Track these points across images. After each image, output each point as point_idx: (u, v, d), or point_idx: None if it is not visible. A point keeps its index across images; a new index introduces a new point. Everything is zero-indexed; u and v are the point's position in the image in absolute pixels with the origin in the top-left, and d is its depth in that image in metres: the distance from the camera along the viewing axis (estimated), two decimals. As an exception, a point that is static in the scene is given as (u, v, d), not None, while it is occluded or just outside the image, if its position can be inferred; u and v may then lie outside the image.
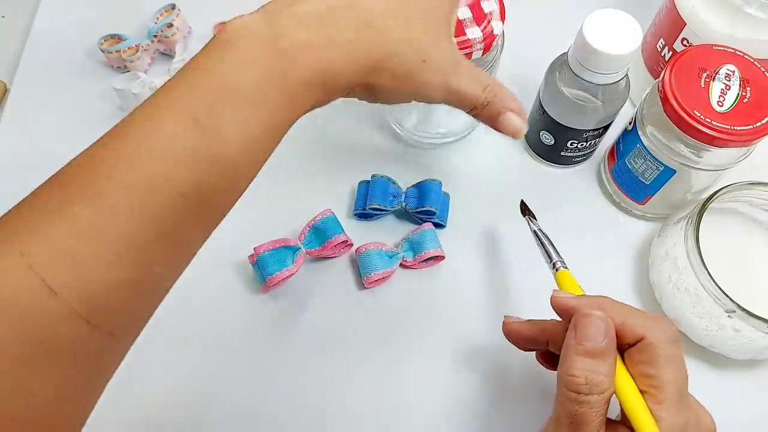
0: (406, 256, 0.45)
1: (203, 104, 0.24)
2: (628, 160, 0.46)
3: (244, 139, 0.25)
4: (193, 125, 0.24)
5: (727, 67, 0.41)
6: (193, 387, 0.43)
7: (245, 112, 0.25)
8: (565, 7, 0.59)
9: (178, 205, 0.23)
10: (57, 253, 0.22)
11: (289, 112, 0.26)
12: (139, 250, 0.23)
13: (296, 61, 0.26)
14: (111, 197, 0.23)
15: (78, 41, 0.56)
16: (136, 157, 0.23)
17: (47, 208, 0.24)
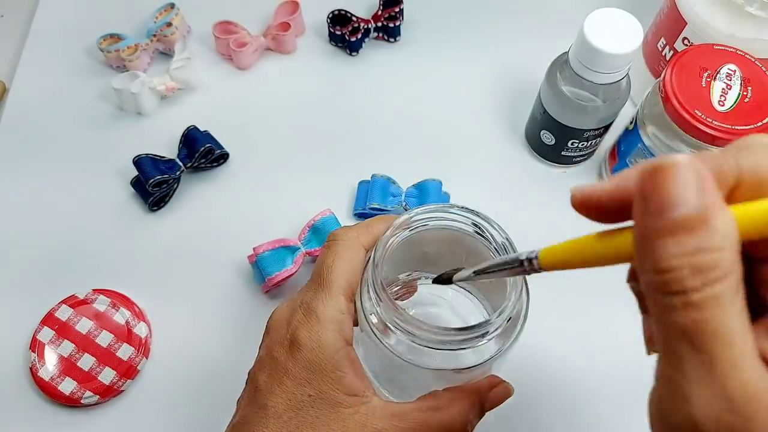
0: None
1: None
2: (629, 160, 0.46)
3: None
4: None
5: (728, 67, 0.41)
6: (193, 385, 0.43)
7: None
8: (566, 7, 0.59)
9: None
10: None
11: None
12: None
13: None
14: None
15: (77, 41, 0.56)
16: None
17: None
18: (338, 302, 0.30)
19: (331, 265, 0.30)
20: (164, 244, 0.47)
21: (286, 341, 0.30)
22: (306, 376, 0.28)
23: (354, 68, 0.56)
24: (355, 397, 0.28)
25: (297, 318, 0.30)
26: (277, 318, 0.32)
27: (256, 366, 0.31)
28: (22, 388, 0.42)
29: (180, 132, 0.49)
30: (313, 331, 0.29)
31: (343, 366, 0.29)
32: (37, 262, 0.47)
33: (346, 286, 0.30)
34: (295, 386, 0.28)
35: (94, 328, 0.43)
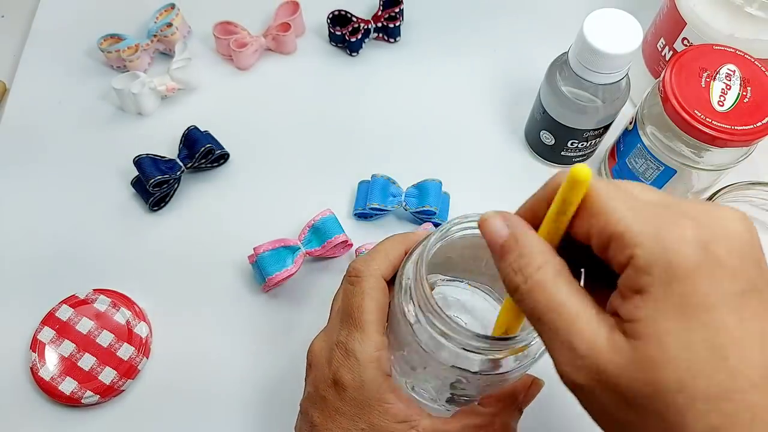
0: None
1: None
2: (628, 160, 0.46)
3: None
4: None
5: (728, 67, 0.41)
6: (193, 384, 0.43)
7: None
8: (565, 7, 0.59)
9: None
10: None
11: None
12: None
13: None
14: None
15: (77, 41, 0.56)
16: None
17: None
18: (374, 341, 0.31)
19: (360, 304, 0.32)
20: (164, 244, 0.47)
21: (330, 380, 0.32)
22: (356, 413, 0.31)
23: (354, 68, 0.56)
24: (404, 423, 0.30)
25: (336, 359, 0.31)
26: (316, 354, 0.33)
27: (307, 401, 0.33)
28: (23, 388, 0.42)
29: (180, 132, 0.49)
30: (354, 371, 0.31)
31: (387, 398, 0.31)
32: (38, 262, 0.47)
33: (378, 322, 0.32)
34: (348, 422, 0.31)
35: (95, 327, 0.43)
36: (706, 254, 0.20)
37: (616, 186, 0.22)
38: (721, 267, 0.20)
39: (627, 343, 0.20)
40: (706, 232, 0.20)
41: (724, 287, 0.20)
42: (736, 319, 0.20)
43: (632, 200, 0.22)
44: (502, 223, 0.24)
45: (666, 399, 0.20)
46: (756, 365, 0.19)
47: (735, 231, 0.21)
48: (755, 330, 0.20)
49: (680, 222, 0.20)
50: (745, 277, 0.20)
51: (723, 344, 0.19)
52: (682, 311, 0.20)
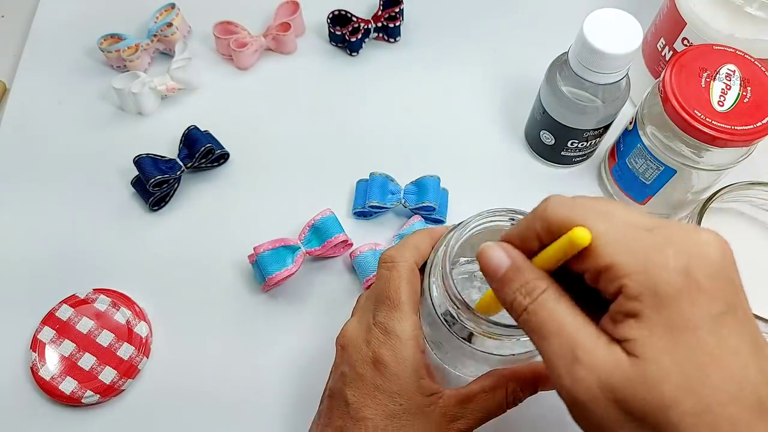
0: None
1: None
2: (628, 160, 0.46)
3: None
4: None
5: (728, 67, 0.41)
6: (193, 384, 0.43)
7: None
8: (565, 7, 0.59)
9: None
10: None
11: None
12: None
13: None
14: None
15: (77, 41, 0.56)
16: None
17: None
18: (411, 320, 0.33)
19: (398, 287, 0.34)
20: (165, 243, 0.47)
21: (369, 359, 0.33)
22: (395, 389, 0.32)
23: (354, 68, 0.56)
24: (433, 395, 0.33)
25: (376, 338, 0.33)
26: (351, 337, 0.35)
27: (339, 382, 0.34)
28: (23, 388, 0.42)
29: (180, 132, 0.49)
30: (396, 349, 0.32)
31: (422, 374, 0.33)
32: (38, 262, 0.47)
33: (413, 304, 0.34)
34: (387, 398, 0.32)
35: (95, 327, 0.43)
36: (687, 280, 0.22)
37: (603, 216, 0.24)
38: (700, 291, 0.22)
39: (627, 359, 0.22)
40: (686, 258, 0.22)
41: (704, 309, 0.22)
42: (716, 339, 0.22)
43: (618, 230, 0.23)
44: (503, 254, 0.26)
45: (662, 414, 0.21)
46: (734, 379, 0.21)
47: (711, 255, 0.23)
48: (731, 347, 0.22)
49: (663, 249, 0.22)
50: (721, 298, 0.22)
51: (705, 362, 0.21)
52: (671, 333, 0.22)
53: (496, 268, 0.26)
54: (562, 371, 0.23)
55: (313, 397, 0.42)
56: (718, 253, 0.23)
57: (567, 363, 0.23)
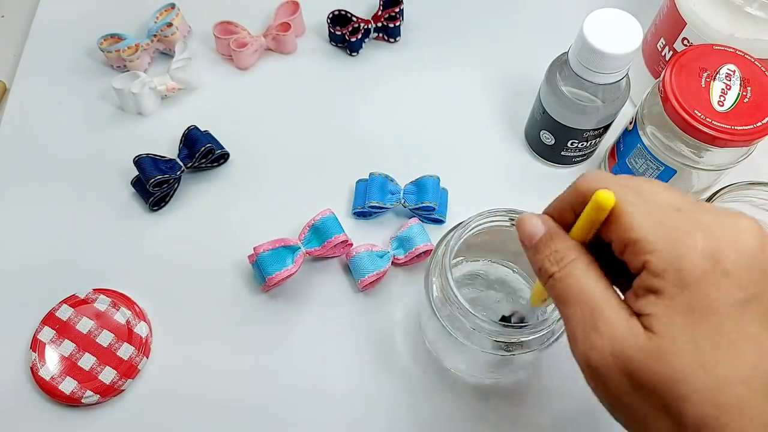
0: (397, 254, 0.45)
1: None
2: (628, 160, 0.46)
3: None
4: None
5: (728, 67, 0.41)
6: (193, 384, 0.43)
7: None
8: (565, 7, 0.59)
9: None
10: None
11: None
12: None
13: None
14: None
15: (77, 41, 0.56)
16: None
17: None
18: None
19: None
20: (165, 243, 0.47)
21: None
22: None
23: (354, 68, 0.56)
24: None
25: None
26: None
27: None
28: (23, 388, 0.42)
29: (180, 132, 0.49)
30: None
31: None
32: (38, 262, 0.47)
33: None
34: None
35: (95, 327, 0.43)
36: (713, 264, 0.22)
37: (635, 191, 0.24)
38: (726, 276, 0.22)
39: (643, 332, 0.23)
40: (716, 243, 0.22)
41: (728, 295, 0.22)
42: (736, 325, 0.22)
43: (649, 206, 0.23)
44: (539, 222, 0.27)
45: (671, 387, 0.22)
46: (747, 365, 0.22)
47: (744, 242, 0.23)
48: (751, 334, 0.22)
49: (692, 232, 0.22)
50: (749, 286, 0.22)
51: (721, 344, 0.22)
52: (690, 312, 0.22)
53: (532, 235, 0.27)
54: (579, 337, 0.24)
55: (312, 397, 0.42)
56: (753, 242, 0.23)
57: (586, 330, 0.24)
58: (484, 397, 0.42)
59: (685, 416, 0.21)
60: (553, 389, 0.43)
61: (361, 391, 0.42)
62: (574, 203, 0.26)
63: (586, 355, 0.24)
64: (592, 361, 0.23)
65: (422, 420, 0.42)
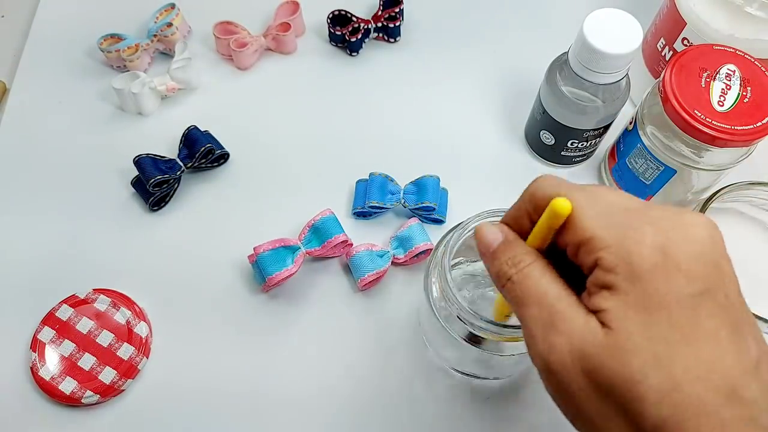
0: (396, 254, 0.45)
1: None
2: (628, 160, 0.46)
3: None
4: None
5: (728, 67, 0.41)
6: (193, 384, 0.43)
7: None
8: (565, 7, 0.59)
9: None
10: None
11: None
12: None
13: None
14: None
15: (77, 41, 0.56)
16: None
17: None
18: None
19: None
20: (164, 243, 0.47)
21: None
22: None
23: (354, 68, 0.56)
24: None
25: None
26: None
27: None
28: (23, 388, 0.42)
29: (180, 132, 0.49)
30: None
31: None
32: (38, 262, 0.47)
33: None
34: None
35: (95, 327, 0.43)
36: (663, 257, 0.22)
37: (587, 194, 0.24)
38: (677, 270, 0.22)
39: (601, 330, 0.22)
40: (665, 237, 0.22)
41: (680, 288, 0.21)
42: (689, 319, 0.21)
43: (600, 206, 0.24)
44: (497, 230, 0.27)
45: (629, 387, 0.21)
46: (703, 361, 0.21)
47: (696, 236, 0.22)
48: (707, 329, 0.21)
49: (642, 227, 0.22)
50: (701, 279, 0.22)
51: (676, 340, 0.21)
52: (644, 307, 0.22)
53: (489, 243, 0.27)
54: (538, 337, 0.24)
55: (312, 397, 0.42)
56: (703, 235, 0.22)
57: (544, 329, 0.23)
58: (483, 397, 0.42)
59: (643, 418, 0.21)
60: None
61: (360, 391, 0.42)
62: (529, 210, 0.26)
63: (545, 355, 0.23)
64: (551, 362, 0.23)
65: (422, 420, 0.42)
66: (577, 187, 0.25)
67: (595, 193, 0.24)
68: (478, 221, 0.35)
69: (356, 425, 0.42)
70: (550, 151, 0.49)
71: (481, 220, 0.35)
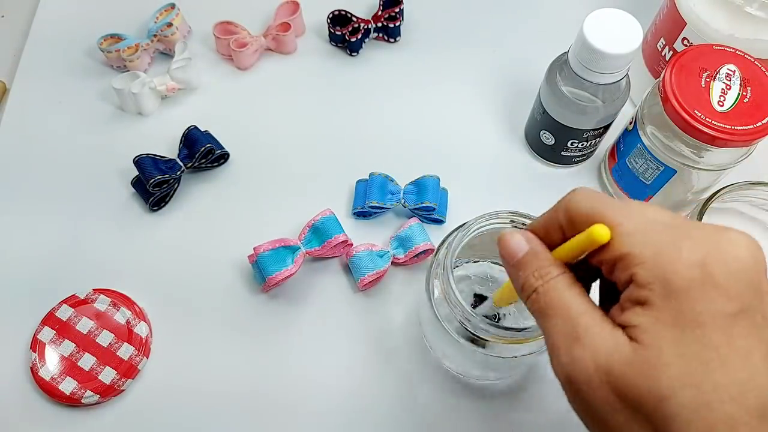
0: (396, 254, 0.45)
1: None
2: (628, 160, 0.46)
3: None
4: None
5: (728, 67, 0.41)
6: (193, 384, 0.43)
7: None
8: (565, 7, 0.59)
9: None
10: None
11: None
12: None
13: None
14: None
15: (77, 41, 0.56)
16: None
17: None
18: None
19: None
20: (164, 244, 0.47)
21: None
22: None
23: (354, 68, 0.56)
24: None
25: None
26: None
27: None
28: (23, 388, 0.42)
29: (180, 132, 0.49)
30: None
31: None
32: (38, 262, 0.47)
33: None
34: None
35: (95, 327, 0.43)
36: (702, 275, 0.21)
37: (624, 211, 0.24)
38: (715, 288, 0.21)
39: (629, 344, 0.22)
40: (704, 254, 0.22)
41: (717, 307, 0.21)
42: (725, 338, 0.21)
43: (638, 222, 0.23)
44: (522, 239, 0.27)
45: (658, 404, 0.21)
46: (737, 381, 0.21)
47: (735, 254, 0.22)
48: (742, 348, 0.21)
49: (680, 243, 0.22)
50: (738, 298, 0.21)
51: (710, 359, 0.21)
52: (677, 324, 0.21)
53: (515, 252, 0.26)
54: (561, 349, 0.23)
55: (312, 397, 0.42)
56: (744, 254, 0.22)
57: (568, 341, 0.23)
58: (483, 398, 0.42)
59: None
60: (552, 391, 0.43)
61: (360, 391, 0.42)
62: (563, 223, 0.26)
63: (568, 368, 0.23)
64: (575, 375, 0.23)
65: (422, 420, 0.42)
66: (616, 203, 0.24)
67: (634, 209, 0.24)
68: (480, 223, 0.35)
69: (356, 425, 0.42)
70: (550, 151, 0.49)
71: (483, 222, 0.35)
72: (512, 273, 0.27)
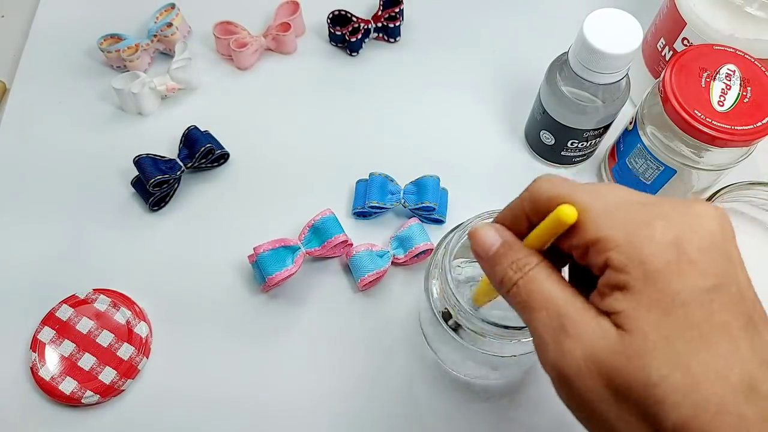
0: (396, 254, 0.45)
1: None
2: (628, 160, 0.46)
3: None
4: None
5: (728, 67, 0.41)
6: (193, 384, 0.43)
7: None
8: (565, 7, 0.59)
9: None
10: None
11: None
12: None
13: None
14: None
15: (77, 41, 0.56)
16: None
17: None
18: None
19: None
20: (165, 243, 0.47)
21: None
22: None
23: (354, 68, 0.56)
24: None
25: None
26: None
27: None
28: (23, 388, 0.42)
29: (180, 132, 0.49)
30: None
31: None
32: (38, 262, 0.47)
33: None
34: None
35: (95, 327, 0.43)
36: (676, 252, 0.21)
37: (591, 193, 0.23)
38: (690, 264, 0.21)
39: (615, 332, 0.22)
40: (677, 231, 0.21)
41: (694, 283, 0.21)
42: (705, 314, 0.21)
43: (607, 204, 0.23)
44: (494, 233, 0.26)
45: (648, 391, 0.21)
46: (719, 357, 0.21)
47: (706, 228, 0.22)
48: (721, 323, 0.21)
49: (652, 222, 0.22)
50: (714, 272, 0.21)
51: (693, 338, 0.21)
52: (659, 305, 0.21)
53: (488, 247, 0.26)
54: (549, 343, 0.23)
55: (312, 397, 0.42)
56: (714, 226, 0.22)
57: (554, 335, 0.23)
58: (483, 398, 0.42)
59: (663, 420, 0.20)
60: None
61: (360, 391, 0.42)
62: (528, 212, 0.25)
63: (557, 361, 0.23)
64: (564, 368, 0.22)
65: (422, 420, 0.42)
66: (581, 186, 0.24)
67: (600, 191, 0.24)
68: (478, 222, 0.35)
69: (356, 425, 0.42)
70: (550, 151, 0.49)
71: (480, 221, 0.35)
72: (488, 268, 0.26)
